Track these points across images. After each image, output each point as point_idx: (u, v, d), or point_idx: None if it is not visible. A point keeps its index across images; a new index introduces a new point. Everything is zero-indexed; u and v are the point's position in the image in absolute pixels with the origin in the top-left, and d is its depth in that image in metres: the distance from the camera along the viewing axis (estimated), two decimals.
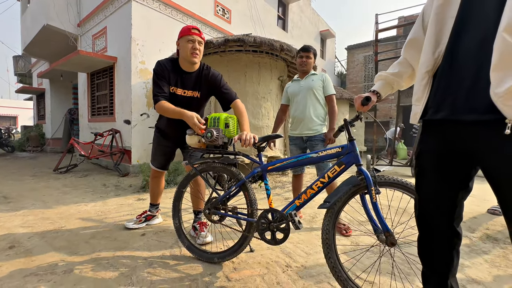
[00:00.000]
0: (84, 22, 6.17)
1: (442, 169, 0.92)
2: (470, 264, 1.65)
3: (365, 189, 1.23)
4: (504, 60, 0.70)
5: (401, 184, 1.20)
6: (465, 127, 0.82)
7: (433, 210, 0.95)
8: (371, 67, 14.38)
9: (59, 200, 3.02)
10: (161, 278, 1.44)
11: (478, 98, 0.77)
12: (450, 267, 0.96)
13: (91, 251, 1.75)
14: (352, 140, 1.29)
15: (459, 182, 0.90)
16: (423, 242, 1.02)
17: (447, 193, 0.92)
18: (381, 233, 1.19)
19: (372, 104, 1.15)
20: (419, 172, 0.99)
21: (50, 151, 8.74)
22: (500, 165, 0.77)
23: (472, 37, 0.81)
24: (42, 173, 4.82)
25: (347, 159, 1.28)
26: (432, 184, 0.95)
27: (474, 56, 0.80)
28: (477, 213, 2.67)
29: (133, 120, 4.88)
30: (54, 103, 8.73)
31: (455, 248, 0.96)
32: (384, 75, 1.16)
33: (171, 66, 1.82)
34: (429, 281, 1.02)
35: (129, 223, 2.19)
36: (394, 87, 1.16)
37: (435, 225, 0.96)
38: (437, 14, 0.89)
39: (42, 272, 1.48)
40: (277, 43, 4.03)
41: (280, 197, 3.28)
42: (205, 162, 1.66)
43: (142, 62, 4.97)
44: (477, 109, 0.78)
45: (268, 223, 1.41)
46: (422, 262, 1.03)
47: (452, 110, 0.84)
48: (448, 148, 0.89)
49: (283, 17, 10.03)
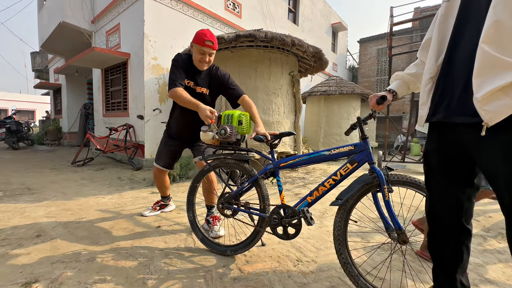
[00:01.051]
0: (98, 19, 6.30)
1: (445, 168, 0.98)
2: (484, 264, 1.64)
3: (377, 187, 1.24)
4: (482, 68, 0.78)
5: (414, 183, 1.21)
6: (457, 129, 0.90)
7: (441, 207, 1.01)
8: (384, 60, 13.97)
9: (78, 192, 3.16)
10: (177, 269, 1.52)
11: (467, 103, 0.84)
12: (459, 262, 1.00)
13: (111, 241, 1.85)
14: (365, 138, 1.29)
15: (463, 180, 0.96)
16: (432, 238, 1.07)
17: (453, 190, 0.98)
18: (393, 231, 1.21)
19: (387, 103, 1.17)
20: (427, 170, 1.05)
21: (67, 144, 9.08)
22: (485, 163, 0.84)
23: (466, 46, 0.87)
24: (61, 166, 5.04)
25: (359, 157, 1.29)
26: (439, 182, 1.01)
27: (466, 64, 0.86)
28: (492, 212, 2.61)
29: (146, 115, 4.99)
30: (70, 98, 9.02)
31: (465, 244, 1.00)
32: (401, 75, 1.19)
33: (189, 62, 1.88)
34: (439, 277, 1.06)
35: (146, 212, 2.41)
36: (410, 88, 1.19)
37: (444, 222, 1.02)
38: (441, 23, 0.96)
39: (67, 260, 1.58)
40: (288, 38, 3.99)
41: (290, 192, 3.31)
42: (219, 158, 1.71)
43: (154, 58, 5.05)
44: (467, 112, 0.85)
45: (280, 218, 1.45)
46: (432, 257, 1.08)
47: (446, 113, 0.92)
48: (446, 148, 0.96)
49: (294, 10, 9.87)
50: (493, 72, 0.76)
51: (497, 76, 0.75)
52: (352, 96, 7.45)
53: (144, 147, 5.03)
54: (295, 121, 4.96)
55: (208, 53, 1.81)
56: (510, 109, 0.74)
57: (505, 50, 0.75)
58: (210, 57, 1.84)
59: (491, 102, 0.77)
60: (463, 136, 0.89)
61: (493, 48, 0.76)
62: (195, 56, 1.83)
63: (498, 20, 0.75)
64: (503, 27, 0.75)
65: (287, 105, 4.74)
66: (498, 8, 0.75)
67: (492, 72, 0.77)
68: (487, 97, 0.77)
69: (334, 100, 7.39)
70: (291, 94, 4.87)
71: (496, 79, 0.75)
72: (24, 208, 2.54)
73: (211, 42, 1.77)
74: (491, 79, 0.76)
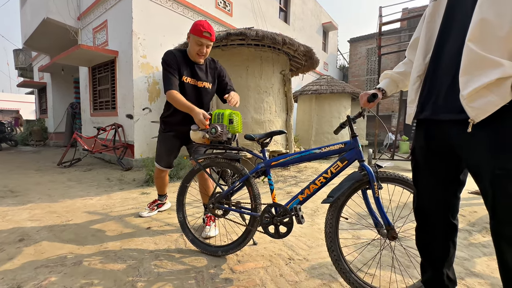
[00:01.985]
0: (84, 15, 6.12)
1: (432, 164, 1.00)
2: (469, 257, 1.69)
3: (367, 184, 1.26)
4: (469, 65, 0.80)
5: (401, 180, 1.24)
6: (444, 125, 0.91)
7: (429, 203, 1.03)
8: (374, 59, 14.20)
9: (64, 194, 3.07)
10: (167, 270, 1.49)
11: (454, 100, 0.85)
12: (446, 257, 1.03)
13: (98, 244, 1.80)
14: (355, 137, 1.30)
15: (450, 176, 0.98)
16: (420, 233, 1.09)
17: (440, 186, 1.00)
18: (382, 227, 1.23)
19: (377, 101, 1.19)
20: (415, 166, 1.07)
21: (53, 145, 8.81)
22: (470, 159, 0.86)
23: (452, 45, 0.88)
24: (46, 167, 4.87)
25: (349, 155, 1.30)
26: (426, 178, 1.03)
27: (453, 62, 0.87)
28: (478, 207, 2.69)
29: (135, 115, 4.89)
30: (55, 97, 8.74)
31: (451, 239, 1.02)
32: (390, 74, 1.21)
33: (181, 56, 1.83)
34: (427, 271, 1.09)
35: (143, 213, 2.37)
36: (399, 86, 1.22)
37: (431, 217, 1.04)
38: (428, 23, 0.97)
39: (52, 264, 1.53)
40: (279, 37, 3.99)
41: (282, 191, 3.31)
42: (209, 157, 1.68)
43: (143, 56, 4.95)
44: (453, 109, 0.86)
45: (271, 217, 1.45)
46: (420, 252, 1.11)
47: (433, 110, 0.93)
48: (433, 144, 0.98)
49: (285, 9, 9.89)
50: (478, 70, 0.78)
51: (482, 74, 0.77)
52: (343, 95, 7.53)
53: (133, 147, 4.93)
54: (286, 119, 4.97)
55: (205, 45, 1.78)
56: (494, 106, 0.76)
57: (490, 48, 0.76)
58: (208, 49, 1.81)
59: (477, 99, 0.78)
60: (449, 132, 0.90)
61: (479, 46, 0.77)
62: (193, 47, 1.78)
63: (484, 18, 0.76)
64: (488, 25, 0.76)
65: (279, 104, 4.74)
66: (484, 7, 0.76)
67: (478, 70, 0.78)
68: (473, 94, 0.78)
69: (325, 99, 7.45)
70: (283, 93, 4.88)
71: (482, 77, 0.77)
72: (6, 211, 2.44)
73: (209, 33, 1.74)
74: (477, 76, 0.78)
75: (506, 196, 0.78)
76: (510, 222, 0.78)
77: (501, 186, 0.78)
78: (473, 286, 1.38)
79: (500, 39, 0.75)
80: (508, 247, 0.80)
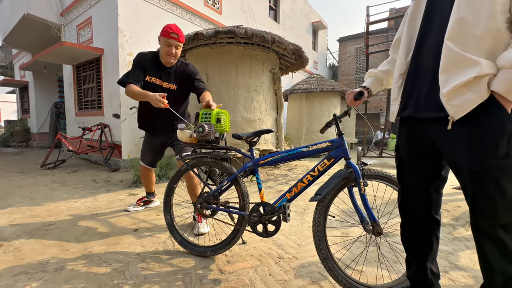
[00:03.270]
0: (67, 11, 5.91)
1: (414, 161, 1.02)
2: (453, 251, 1.73)
3: (353, 181, 1.27)
4: (448, 64, 0.81)
5: (386, 177, 1.28)
6: (425, 123, 0.93)
7: (412, 199, 1.06)
8: (363, 59, 14.42)
9: (47, 196, 2.95)
10: (154, 273, 1.45)
11: (434, 98, 0.86)
12: (429, 251, 1.06)
13: (82, 248, 1.74)
14: (341, 135, 1.31)
15: (432, 173, 1.00)
16: (405, 229, 1.11)
17: (422, 183, 1.02)
18: (368, 223, 1.25)
19: (364, 99, 1.21)
20: (399, 163, 1.09)
21: (36, 146, 8.49)
22: (451, 155, 0.88)
23: (432, 43, 0.90)
24: (28, 169, 4.69)
25: (336, 153, 1.31)
26: (409, 175, 1.05)
27: (432, 60, 0.88)
28: (461, 202, 2.78)
29: (122, 114, 4.77)
30: (38, 97, 8.41)
31: (434, 233, 1.05)
32: (374, 72, 1.23)
33: (152, 59, 1.94)
34: (411, 266, 1.11)
35: (130, 207, 2.46)
36: (383, 84, 1.24)
37: (414, 213, 1.06)
38: (409, 21, 0.99)
39: (32, 271, 1.46)
40: (268, 35, 3.97)
41: (273, 189, 3.31)
42: (197, 157, 1.66)
43: (130, 54, 4.82)
44: (434, 107, 0.87)
45: (259, 216, 1.44)
46: (405, 247, 1.13)
47: (415, 108, 0.95)
48: (415, 141, 1.00)
49: (274, 8, 9.88)
50: (457, 68, 0.79)
51: (460, 72, 0.78)
52: (333, 94, 7.61)
53: (121, 147, 4.81)
54: (277, 118, 4.97)
55: (174, 45, 1.86)
56: (473, 103, 0.78)
57: (467, 47, 0.78)
58: (177, 49, 1.89)
59: (456, 97, 0.79)
60: (430, 130, 0.92)
61: (457, 45, 0.79)
62: (162, 49, 1.87)
63: (461, 18, 0.78)
64: (465, 25, 0.77)
65: (269, 102, 4.74)
66: (461, 6, 0.78)
67: (457, 68, 0.79)
68: (452, 92, 0.80)
69: (315, 97, 7.51)
70: (273, 91, 4.87)
71: (460, 75, 0.78)
72: None
73: (176, 34, 1.83)
74: (456, 75, 0.79)
75: (484, 192, 0.80)
76: (488, 217, 0.80)
77: (479, 182, 0.80)
78: (457, 279, 1.42)
79: (476, 38, 0.76)
80: (487, 240, 0.82)
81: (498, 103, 0.76)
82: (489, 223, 0.80)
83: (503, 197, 0.77)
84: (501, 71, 0.75)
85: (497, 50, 0.77)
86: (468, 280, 1.41)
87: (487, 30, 0.75)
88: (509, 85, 0.73)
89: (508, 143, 0.76)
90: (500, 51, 0.77)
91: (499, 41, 0.76)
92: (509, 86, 0.73)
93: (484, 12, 0.74)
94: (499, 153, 0.77)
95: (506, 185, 0.77)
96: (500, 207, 0.78)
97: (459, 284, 1.38)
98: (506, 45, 0.76)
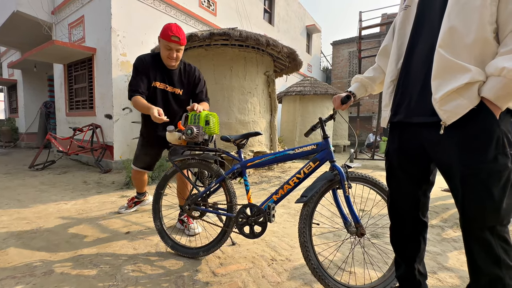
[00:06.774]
0: (58, 9, 5.80)
1: (404, 166, 1.04)
2: (441, 252, 1.78)
3: (338, 184, 1.30)
4: (440, 70, 0.83)
5: (368, 180, 1.34)
6: (416, 128, 0.95)
7: (401, 202, 1.08)
8: (356, 62, 14.66)
9: (36, 198, 2.89)
10: (146, 275, 1.44)
11: (425, 103, 0.89)
12: (417, 252, 1.09)
13: (72, 250, 1.71)
14: (326, 138, 1.34)
15: (420, 177, 1.03)
16: (394, 231, 1.14)
17: (411, 187, 1.04)
18: (350, 225, 1.28)
19: (350, 103, 1.24)
20: (388, 168, 1.12)
21: (25, 146, 8.27)
22: (442, 159, 0.90)
23: (422, 50, 0.93)
24: (16, 170, 4.57)
25: (321, 156, 1.34)
26: (399, 179, 1.07)
27: (422, 67, 0.91)
28: (450, 204, 2.85)
29: (114, 115, 4.71)
30: (27, 96, 8.21)
31: (422, 235, 1.08)
32: (360, 78, 1.27)
33: (153, 62, 1.81)
34: (400, 267, 1.14)
35: (121, 209, 2.42)
36: (368, 90, 1.28)
37: (403, 216, 1.09)
38: (399, 30, 1.02)
39: (20, 275, 1.43)
40: (263, 38, 4.00)
41: (266, 191, 3.32)
42: (186, 159, 1.66)
43: (123, 54, 4.77)
44: (425, 112, 0.90)
45: (246, 217, 1.45)
46: (394, 249, 1.16)
47: (406, 113, 0.97)
48: (406, 146, 1.02)
49: (269, 11, 9.95)
50: (449, 75, 0.82)
51: (452, 79, 0.81)
52: (326, 97, 7.70)
53: (113, 148, 4.73)
54: (271, 120, 4.99)
55: (175, 49, 1.73)
56: (464, 109, 0.80)
57: (458, 54, 0.81)
58: (178, 53, 1.77)
59: (448, 102, 0.82)
60: (421, 135, 0.94)
61: (449, 52, 0.82)
62: (163, 52, 1.76)
63: (452, 27, 0.81)
64: (456, 33, 0.80)
65: (263, 104, 4.76)
66: (452, 16, 0.81)
67: (448, 74, 0.82)
68: (444, 98, 0.82)
69: (309, 100, 7.58)
70: (267, 93, 4.90)
71: (452, 81, 0.81)
72: None
73: (177, 37, 1.69)
74: (448, 81, 0.82)
75: (474, 195, 0.82)
76: (478, 220, 0.83)
77: (469, 185, 0.83)
78: (444, 280, 1.45)
79: (467, 46, 0.80)
80: (475, 242, 0.85)
81: (487, 108, 0.79)
82: (478, 226, 0.83)
83: (491, 201, 0.80)
84: (490, 78, 0.78)
85: (486, 58, 0.80)
86: (455, 280, 1.45)
87: (477, 39, 0.78)
88: (498, 91, 0.76)
89: (496, 148, 0.79)
90: (488, 59, 0.79)
91: (487, 50, 0.79)
92: (498, 92, 0.76)
93: (474, 22, 0.78)
94: (488, 156, 0.79)
95: (493, 188, 0.79)
96: (487, 210, 0.80)
97: (447, 284, 1.41)
98: (493, 54, 0.79)
